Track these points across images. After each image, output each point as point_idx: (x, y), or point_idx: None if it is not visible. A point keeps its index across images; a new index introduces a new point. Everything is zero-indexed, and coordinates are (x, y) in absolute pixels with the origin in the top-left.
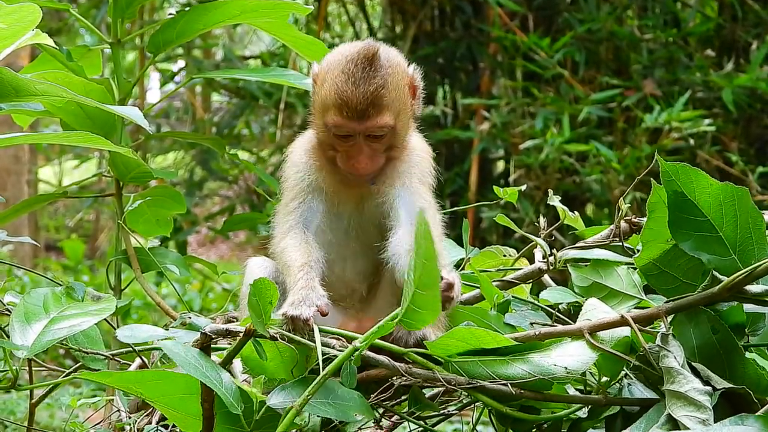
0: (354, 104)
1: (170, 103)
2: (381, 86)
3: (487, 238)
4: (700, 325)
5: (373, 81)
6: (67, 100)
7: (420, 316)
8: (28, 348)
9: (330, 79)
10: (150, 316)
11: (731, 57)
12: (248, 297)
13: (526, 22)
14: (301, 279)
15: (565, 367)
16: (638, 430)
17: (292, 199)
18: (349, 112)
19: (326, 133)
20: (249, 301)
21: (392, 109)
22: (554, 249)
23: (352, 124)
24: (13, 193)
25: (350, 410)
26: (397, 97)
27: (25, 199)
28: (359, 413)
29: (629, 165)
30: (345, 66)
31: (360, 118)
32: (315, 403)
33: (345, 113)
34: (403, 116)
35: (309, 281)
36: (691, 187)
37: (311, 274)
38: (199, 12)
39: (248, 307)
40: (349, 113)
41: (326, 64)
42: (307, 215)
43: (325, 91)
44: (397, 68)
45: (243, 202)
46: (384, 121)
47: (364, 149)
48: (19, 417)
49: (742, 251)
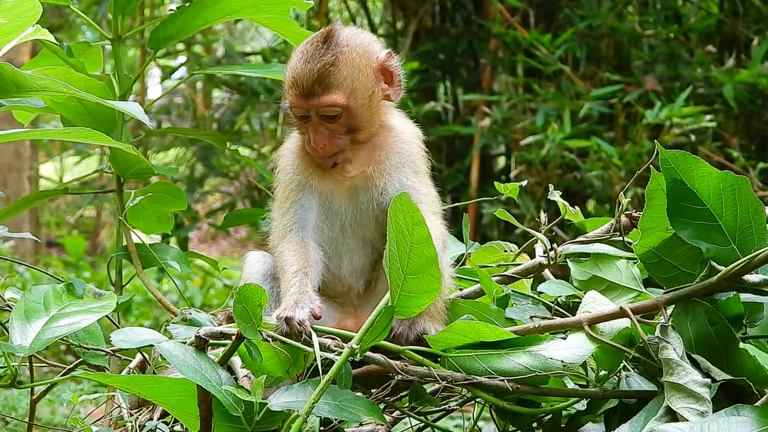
0: (301, 82)
1: (171, 99)
2: (329, 63)
3: (489, 234)
4: (697, 317)
5: (323, 59)
6: (67, 96)
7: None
8: (26, 349)
9: (290, 61)
10: (151, 312)
11: (732, 53)
12: (234, 305)
13: (527, 18)
14: (294, 285)
15: (561, 360)
16: (638, 423)
17: (285, 201)
18: (298, 90)
19: (291, 116)
20: (235, 309)
21: (343, 88)
22: (555, 244)
23: (301, 102)
24: (14, 190)
25: (358, 412)
26: (352, 75)
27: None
28: (367, 415)
29: (630, 161)
30: (302, 46)
31: (307, 95)
32: (322, 405)
33: (296, 91)
34: (361, 97)
35: (302, 287)
36: (690, 175)
37: (305, 281)
38: (200, 8)
39: (234, 314)
40: (298, 91)
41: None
42: (301, 215)
43: (286, 72)
44: (356, 48)
45: (244, 198)
46: (332, 100)
47: (318, 129)
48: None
49: (742, 240)
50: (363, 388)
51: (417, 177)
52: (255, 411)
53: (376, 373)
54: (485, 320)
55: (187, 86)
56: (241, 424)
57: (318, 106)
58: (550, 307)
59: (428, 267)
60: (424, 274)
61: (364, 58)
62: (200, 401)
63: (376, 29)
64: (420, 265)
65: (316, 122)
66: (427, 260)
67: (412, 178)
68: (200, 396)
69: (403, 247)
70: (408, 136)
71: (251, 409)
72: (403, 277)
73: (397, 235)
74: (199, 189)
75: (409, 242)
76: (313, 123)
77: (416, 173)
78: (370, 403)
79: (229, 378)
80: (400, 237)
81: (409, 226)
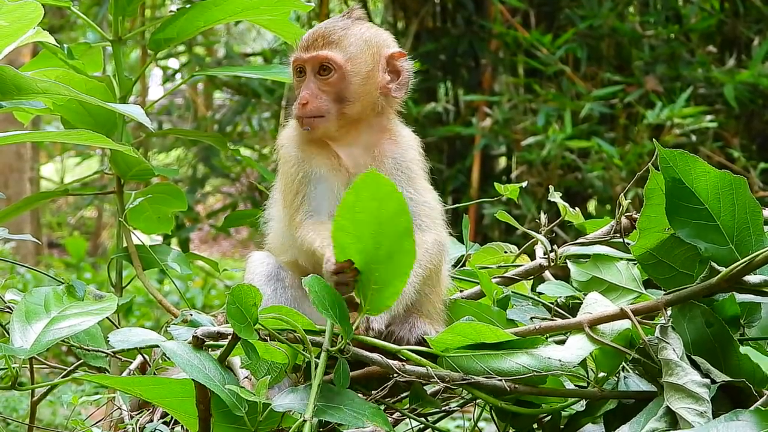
0: (308, 37)
1: (172, 100)
2: (339, 27)
3: (489, 235)
4: (695, 319)
5: (336, 23)
6: (68, 98)
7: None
8: (27, 350)
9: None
10: (152, 313)
11: (733, 53)
12: (227, 305)
13: (527, 19)
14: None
15: (559, 359)
16: (638, 423)
17: (296, 194)
18: (302, 43)
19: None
20: (228, 310)
21: (343, 49)
22: (555, 245)
23: (302, 54)
24: (15, 191)
25: (361, 417)
26: (356, 45)
27: (27, 196)
28: (371, 421)
29: (631, 161)
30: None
31: (307, 48)
32: (326, 409)
33: (300, 46)
34: (359, 67)
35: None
36: (689, 174)
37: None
38: (200, 9)
39: (228, 315)
40: (302, 45)
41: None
42: (315, 206)
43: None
44: (371, 29)
45: (245, 199)
46: (330, 55)
47: (309, 85)
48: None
49: (740, 241)
50: (364, 389)
51: (412, 184)
52: (258, 411)
53: (377, 374)
54: (486, 321)
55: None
56: (244, 424)
57: (315, 59)
58: (550, 308)
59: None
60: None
61: (375, 41)
62: (198, 401)
63: None
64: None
65: (309, 78)
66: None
67: (407, 187)
68: (198, 396)
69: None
70: (405, 141)
71: (254, 410)
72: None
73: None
74: (200, 190)
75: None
76: (306, 79)
77: (411, 180)
78: (376, 408)
79: (233, 378)
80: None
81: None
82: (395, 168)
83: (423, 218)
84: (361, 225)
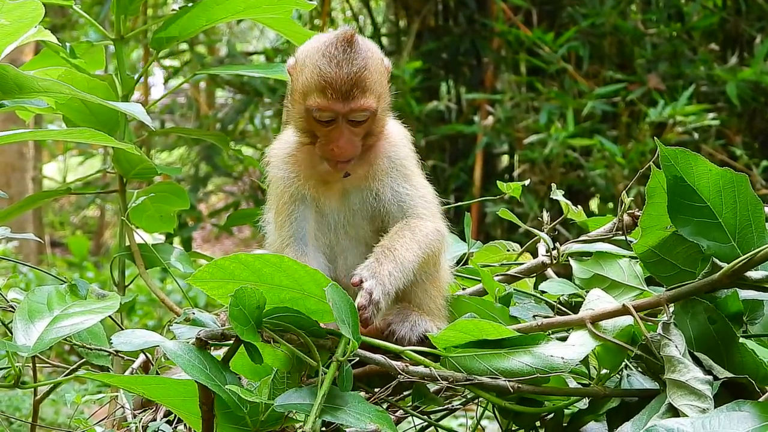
0: (338, 85)
1: (174, 99)
2: (363, 68)
3: (492, 233)
4: (697, 315)
5: (356, 62)
6: (70, 96)
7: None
8: (30, 349)
9: (311, 65)
10: (155, 312)
11: (735, 51)
12: (230, 307)
13: (529, 17)
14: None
15: (561, 357)
16: (640, 421)
17: (280, 213)
18: (333, 93)
19: (306, 120)
20: (231, 312)
21: (374, 92)
22: (558, 243)
23: (335, 105)
24: (18, 190)
25: (365, 419)
26: (378, 81)
27: (29, 195)
28: (375, 423)
29: (633, 159)
30: (325, 50)
31: (344, 99)
32: (329, 410)
33: (329, 95)
34: (383, 102)
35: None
36: (690, 172)
37: None
38: (203, 8)
39: (231, 318)
40: (334, 94)
41: (303, 53)
42: (296, 228)
43: (306, 76)
44: (375, 53)
45: (247, 198)
46: (368, 103)
47: (344, 133)
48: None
49: (742, 238)
50: (366, 387)
51: (408, 180)
52: (260, 411)
53: (379, 372)
54: (489, 317)
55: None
56: (246, 424)
57: (353, 109)
58: (553, 306)
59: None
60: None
61: (382, 64)
62: (202, 402)
63: (379, 28)
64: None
65: (343, 126)
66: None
67: (404, 184)
68: (202, 396)
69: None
70: (397, 139)
71: (256, 410)
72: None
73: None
74: (202, 189)
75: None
76: (338, 127)
77: (406, 177)
78: (380, 410)
79: (235, 378)
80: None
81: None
82: (391, 166)
83: (421, 210)
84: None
